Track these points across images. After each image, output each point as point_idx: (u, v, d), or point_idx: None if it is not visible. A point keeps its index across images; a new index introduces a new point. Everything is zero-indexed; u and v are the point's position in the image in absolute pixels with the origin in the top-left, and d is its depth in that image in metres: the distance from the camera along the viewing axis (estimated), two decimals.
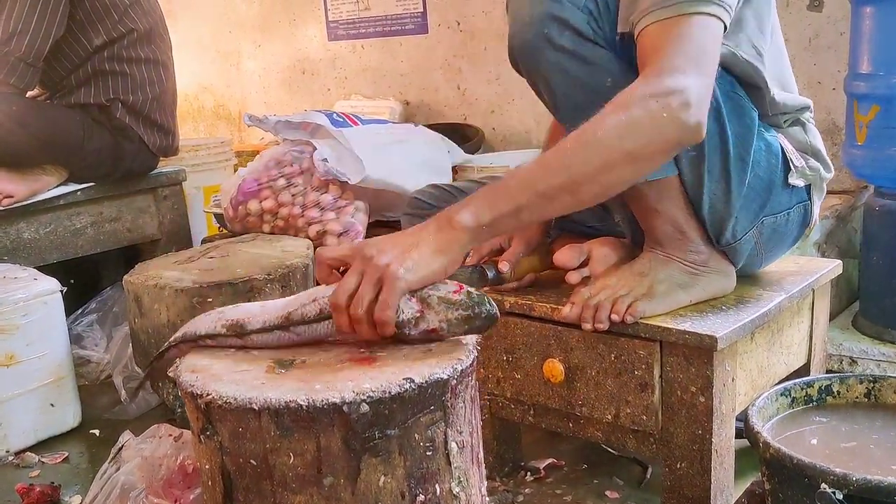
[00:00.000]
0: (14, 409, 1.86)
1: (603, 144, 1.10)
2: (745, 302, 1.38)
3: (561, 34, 1.24)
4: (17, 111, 2.17)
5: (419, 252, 1.05)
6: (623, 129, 1.10)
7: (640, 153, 1.11)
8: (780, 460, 1.01)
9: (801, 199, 1.43)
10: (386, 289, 1.02)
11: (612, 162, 1.10)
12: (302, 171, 2.13)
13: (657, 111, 1.09)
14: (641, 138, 1.10)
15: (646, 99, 1.10)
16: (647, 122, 1.10)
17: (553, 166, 1.11)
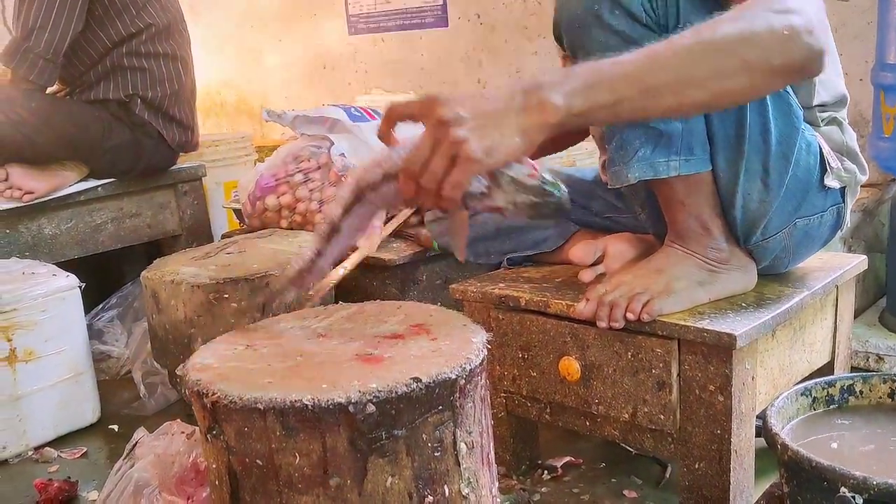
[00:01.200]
0: (33, 404, 1.87)
1: (720, 49, 0.99)
2: (766, 299, 1.35)
3: (612, 13, 1.20)
4: (37, 107, 2.18)
5: (500, 131, 0.95)
6: (743, 37, 0.99)
7: (757, 65, 1.01)
8: (798, 463, 0.99)
9: (835, 202, 1.39)
10: (460, 169, 0.95)
11: (726, 69, 1.00)
12: (319, 166, 2.12)
13: (779, 27, 1.00)
14: (762, 51, 1.00)
15: (767, 13, 1.01)
16: (768, 35, 1.00)
17: (662, 62, 0.99)
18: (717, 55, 1.00)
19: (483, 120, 0.95)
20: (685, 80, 1.00)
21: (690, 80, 1.00)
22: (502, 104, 0.96)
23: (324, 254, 1.11)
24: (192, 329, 1.80)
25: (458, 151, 0.94)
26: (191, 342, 1.81)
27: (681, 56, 1.00)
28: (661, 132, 1.25)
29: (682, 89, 1.00)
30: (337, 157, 2.07)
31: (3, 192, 2.20)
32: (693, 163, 1.27)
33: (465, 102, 0.96)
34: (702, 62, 1.00)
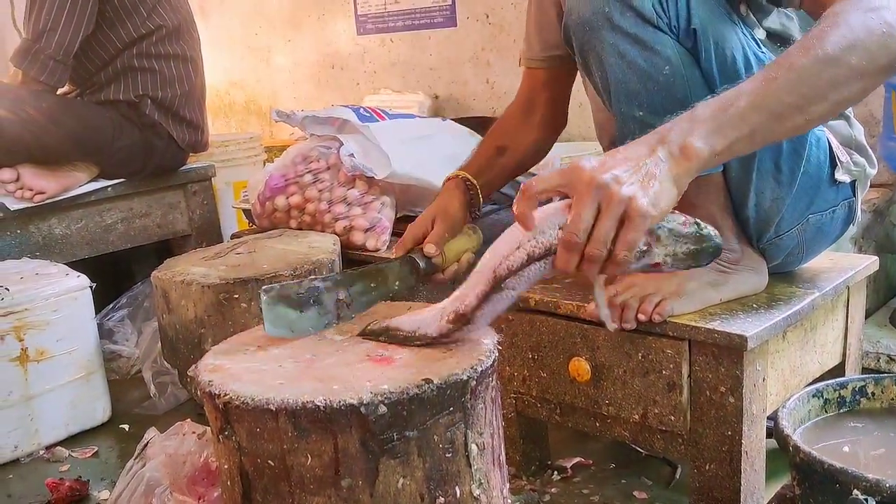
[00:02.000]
0: (45, 403, 1.88)
1: (830, 60, 1.00)
2: (777, 300, 1.35)
3: (623, 14, 1.19)
4: (47, 108, 2.19)
5: (659, 182, 0.94)
6: (846, 44, 1.00)
7: (866, 69, 1.02)
8: (810, 465, 0.98)
9: (846, 196, 1.38)
10: (631, 226, 0.92)
11: (840, 78, 1.01)
12: (328, 166, 2.12)
13: (876, 25, 1.01)
14: (866, 53, 1.01)
15: (861, 14, 1.02)
16: (868, 37, 1.01)
17: (782, 84, 1.00)
18: (830, 67, 1.00)
19: (639, 175, 0.94)
20: (808, 97, 1.01)
21: (812, 97, 1.01)
22: (649, 158, 0.95)
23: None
24: (203, 329, 1.81)
25: (628, 209, 0.92)
26: (201, 342, 1.82)
27: (798, 74, 1.00)
28: None
29: (806, 106, 1.01)
30: (346, 158, 2.07)
31: (15, 192, 2.21)
32: None
33: (612, 163, 0.95)
34: (818, 77, 1.00)
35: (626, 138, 1.27)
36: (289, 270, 1.80)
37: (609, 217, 0.92)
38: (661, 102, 1.22)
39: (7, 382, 1.82)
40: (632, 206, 0.91)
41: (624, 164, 0.94)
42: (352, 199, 2.10)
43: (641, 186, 0.92)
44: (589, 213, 0.92)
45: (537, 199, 0.97)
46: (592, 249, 0.93)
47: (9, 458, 1.83)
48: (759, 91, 1.00)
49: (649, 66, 1.21)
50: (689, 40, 1.22)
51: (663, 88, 1.21)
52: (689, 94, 1.21)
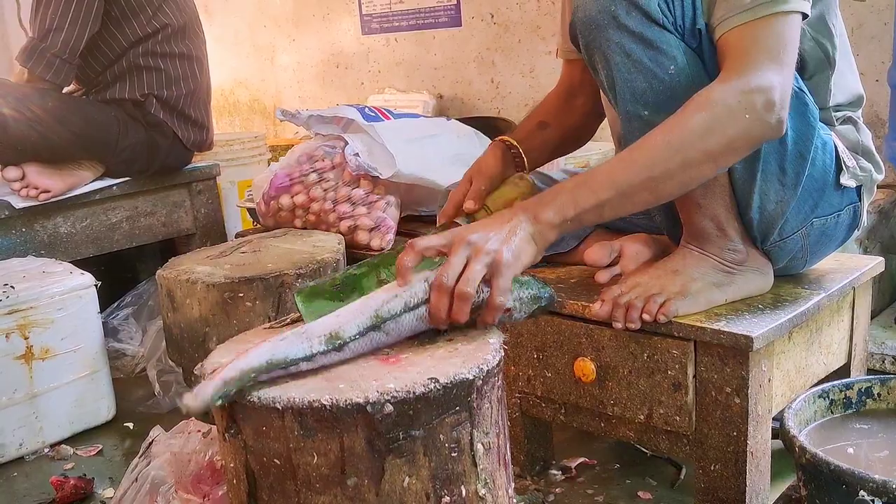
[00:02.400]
0: (49, 401, 1.88)
1: (684, 144, 1.12)
2: (783, 301, 1.35)
3: (629, 14, 1.20)
4: (53, 107, 2.19)
5: (518, 240, 1.08)
6: (705, 128, 1.12)
7: (720, 152, 1.14)
8: (816, 466, 0.98)
9: (851, 201, 1.38)
10: (499, 274, 1.04)
11: (692, 161, 1.13)
12: (333, 165, 2.13)
13: (739, 112, 1.11)
14: (723, 138, 1.12)
15: (727, 99, 1.12)
16: (729, 122, 1.12)
17: (635, 164, 1.14)
18: (683, 150, 1.12)
19: (502, 235, 1.08)
20: (657, 178, 1.13)
21: (662, 176, 1.13)
22: (510, 223, 1.10)
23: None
24: (207, 328, 1.81)
25: (495, 259, 1.05)
26: (206, 341, 1.82)
27: (652, 157, 1.13)
28: None
29: (655, 186, 1.14)
30: (351, 157, 2.07)
31: (20, 190, 2.21)
32: None
33: (481, 227, 1.09)
34: (670, 159, 1.13)
35: (630, 137, 1.27)
36: (293, 270, 1.81)
37: (477, 262, 1.04)
38: (665, 101, 1.22)
39: (12, 380, 1.82)
40: (498, 257, 1.05)
41: (490, 228, 1.09)
42: (356, 199, 2.10)
43: (504, 243, 1.07)
44: (458, 261, 1.04)
45: (420, 255, 1.07)
46: (462, 287, 1.03)
47: (13, 455, 1.84)
48: (614, 170, 1.15)
49: (654, 65, 1.21)
50: (694, 40, 1.22)
51: (668, 88, 1.21)
52: (693, 93, 1.21)
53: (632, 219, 1.59)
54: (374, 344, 1.02)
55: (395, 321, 1.02)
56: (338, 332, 0.99)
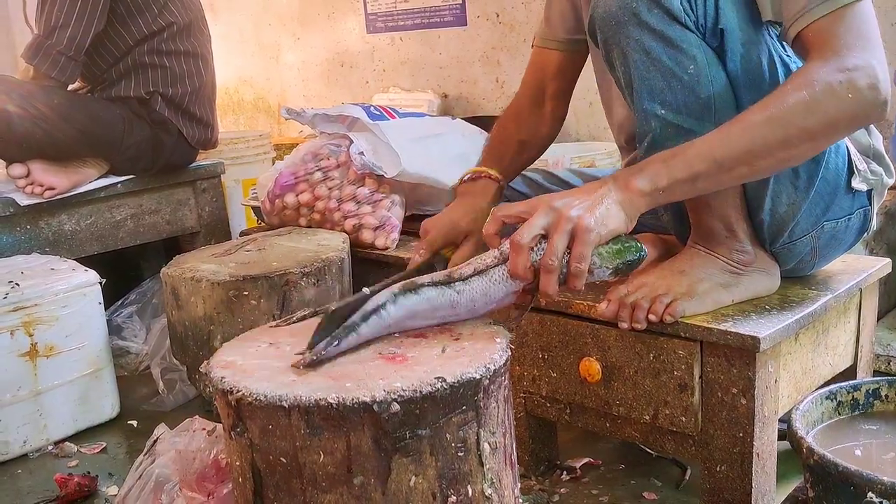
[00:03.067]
0: (54, 399, 1.88)
1: (786, 121, 1.09)
2: (790, 302, 1.34)
3: (650, 11, 1.19)
4: (58, 104, 2.19)
5: (605, 207, 1.06)
6: (807, 107, 1.09)
7: (821, 132, 1.11)
8: (824, 467, 0.98)
9: (861, 205, 1.37)
10: (581, 240, 1.03)
11: (792, 138, 1.10)
12: (339, 164, 2.12)
13: (842, 91, 1.08)
14: (825, 117, 1.09)
15: (828, 77, 1.09)
16: (831, 102, 1.09)
17: (733, 137, 1.10)
18: (784, 127, 1.09)
19: (589, 201, 1.06)
20: (756, 152, 1.10)
21: (761, 152, 1.10)
22: (598, 191, 1.08)
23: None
24: (212, 326, 1.81)
25: (577, 225, 1.04)
26: (210, 339, 1.82)
27: (750, 131, 1.10)
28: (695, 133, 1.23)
29: (752, 160, 1.11)
30: (356, 156, 2.07)
31: (25, 188, 2.21)
32: None
33: (567, 195, 1.08)
34: (770, 135, 1.09)
35: (646, 135, 1.27)
36: (298, 268, 1.80)
37: (559, 232, 1.03)
38: (683, 101, 1.22)
39: (16, 377, 1.82)
40: (580, 223, 1.04)
41: (576, 195, 1.08)
42: (361, 198, 2.10)
43: (588, 209, 1.05)
44: (538, 223, 1.05)
45: (501, 222, 1.11)
46: (547, 260, 1.03)
47: (17, 452, 1.84)
48: (711, 142, 1.11)
49: (674, 63, 1.20)
50: (715, 40, 1.21)
51: (687, 87, 1.20)
52: (712, 93, 1.20)
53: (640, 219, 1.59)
54: (448, 300, 1.05)
55: (466, 282, 1.05)
56: (414, 281, 1.04)
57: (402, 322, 1.05)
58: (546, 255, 1.03)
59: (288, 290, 1.79)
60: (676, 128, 1.23)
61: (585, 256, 1.04)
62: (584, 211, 1.04)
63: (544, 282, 1.03)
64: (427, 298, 1.04)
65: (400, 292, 1.03)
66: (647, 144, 1.27)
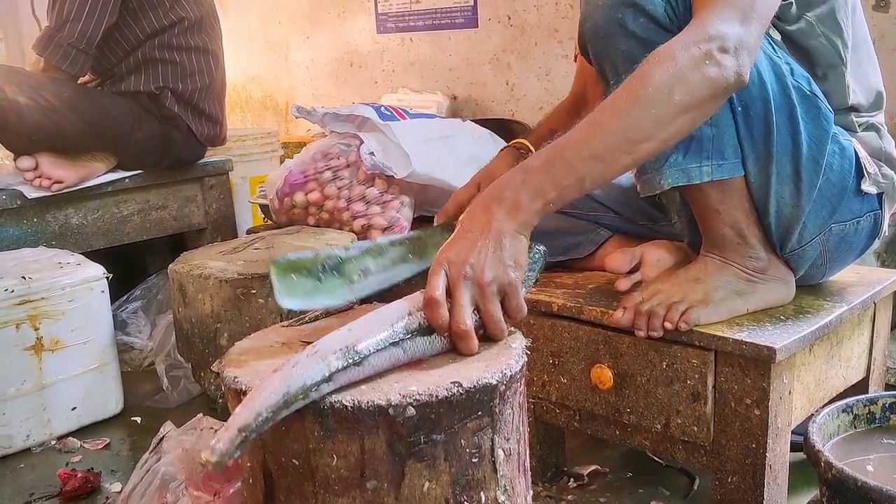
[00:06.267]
0: (58, 393, 1.87)
1: (654, 100, 1.08)
2: (805, 312, 1.33)
3: (635, 20, 1.19)
4: (68, 97, 2.18)
5: (508, 243, 1.04)
6: (671, 81, 1.08)
7: (691, 103, 1.09)
8: (842, 482, 0.97)
9: (872, 208, 1.36)
10: (512, 296, 1.03)
11: (666, 116, 1.08)
12: (348, 164, 2.11)
13: (700, 58, 1.08)
14: (690, 88, 1.08)
15: (687, 48, 1.09)
16: (691, 69, 1.08)
17: (608, 128, 1.09)
18: (654, 107, 1.08)
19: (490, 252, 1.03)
20: (634, 140, 1.08)
21: (639, 137, 1.09)
22: (492, 232, 1.04)
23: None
24: (219, 324, 1.80)
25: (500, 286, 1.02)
26: (216, 337, 1.81)
27: (623, 119, 1.08)
28: (692, 137, 1.23)
29: (632, 148, 1.09)
30: (366, 156, 2.06)
31: (33, 180, 2.20)
32: (725, 167, 1.25)
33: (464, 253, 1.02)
34: (643, 119, 1.08)
35: None
36: None
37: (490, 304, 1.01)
38: None
39: (21, 371, 1.81)
40: (502, 282, 1.02)
41: (473, 246, 1.03)
42: (371, 198, 2.09)
43: (496, 261, 1.02)
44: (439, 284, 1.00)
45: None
46: (496, 332, 1.02)
47: (20, 447, 1.83)
48: (586, 138, 1.09)
49: None
50: None
51: None
52: None
53: (652, 225, 1.58)
54: (393, 362, 0.96)
55: (412, 341, 0.97)
56: (354, 345, 0.92)
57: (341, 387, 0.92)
58: (453, 321, 0.99)
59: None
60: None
61: (523, 307, 1.04)
62: (496, 269, 1.02)
63: (461, 347, 0.99)
64: (371, 366, 0.94)
65: (339, 369, 0.90)
66: None
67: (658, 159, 1.26)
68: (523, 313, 1.05)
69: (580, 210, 1.63)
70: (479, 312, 1.02)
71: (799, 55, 1.31)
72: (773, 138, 1.23)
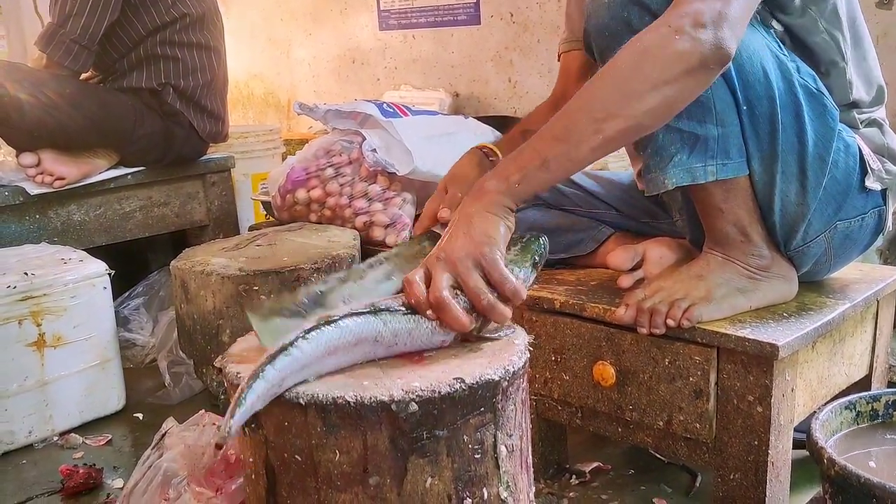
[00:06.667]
0: (60, 389, 1.87)
1: (620, 77, 1.06)
2: (808, 309, 1.33)
3: (641, 19, 1.18)
4: (70, 93, 2.18)
5: (477, 222, 1.04)
6: (638, 55, 1.07)
7: (661, 78, 1.06)
8: (845, 478, 0.97)
9: (876, 205, 1.36)
10: (490, 268, 1.01)
11: (633, 91, 1.06)
12: (351, 161, 2.11)
13: (669, 34, 1.06)
14: (658, 62, 1.06)
15: (659, 26, 1.08)
16: (660, 45, 1.06)
17: (572, 109, 1.08)
18: (620, 81, 1.06)
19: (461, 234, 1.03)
20: (599, 116, 1.06)
21: (604, 114, 1.06)
22: (459, 219, 1.06)
23: None
24: (221, 320, 1.80)
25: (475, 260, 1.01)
26: (219, 333, 1.81)
27: (588, 96, 1.08)
28: (697, 136, 1.23)
29: (599, 126, 1.06)
30: (369, 153, 2.06)
31: (35, 177, 2.20)
32: (730, 167, 1.25)
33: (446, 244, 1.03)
34: (609, 93, 1.06)
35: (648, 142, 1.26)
36: (309, 264, 1.79)
37: (468, 278, 1.00)
38: None
39: (23, 367, 1.81)
40: (474, 256, 1.01)
41: (448, 235, 1.05)
42: (373, 195, 2.09)
43: (466, 239, 1.02)
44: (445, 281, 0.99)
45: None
46: (481, 304, 0.99)
47: (22, 443, 1.83)
48: (551, 124, 1.08)
49: None
50: None
51: None
52: (711, 95, 1.20)
53: (654, 223, 1.58)
54: (374, 333, 0.96)
55: (392, 315, 0.98)
56: (329, 314, 0.95)
57: (322, 360, 0.93)
58: (430, 294, 0.98)
59: (298, 286, 1.77)
60: (678, 132, 1.23)
61: (506, 276, 1.01)
62: (465, 242, 1.02)
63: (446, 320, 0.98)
64: (347, 329, 0.94)
65: (313, 326, 0.93)
66: (650, 152, 1.27)
67: (662, 158, 1.25)
68: (512, 285, 1.01)
69: (582, 208, 1.63)
70: (462, 289, 1.00)
71: (801, 52, 1.31)
72: (778, 137, 1.23)
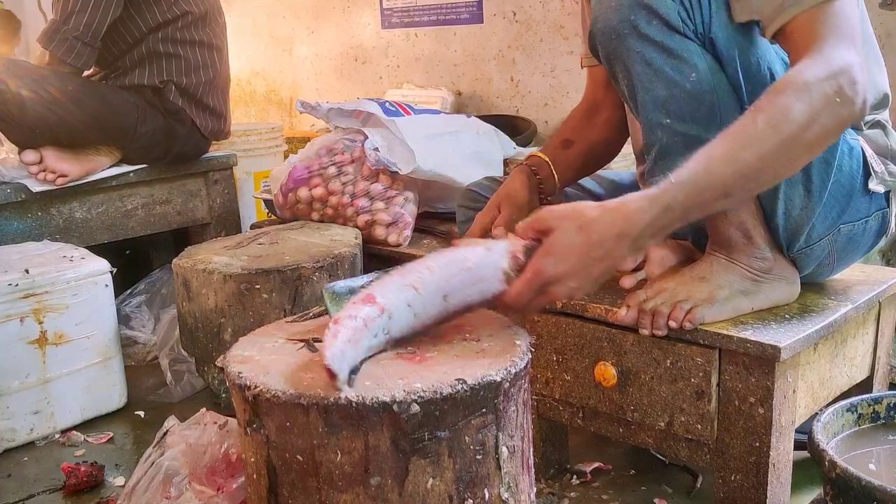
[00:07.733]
0: (62, 387, 1.87)
1: (792, 138, 1.07)
2: (810, 311, 1.33)
3: (649, 23, 1.18)
4: (73, 91, 2.18)
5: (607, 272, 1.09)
6: (808, 120, 1.06)
7: (818, 142, 1.10)
8: (847, 481, 0.96)
9: (879, 207, 1.36)
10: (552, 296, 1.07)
11: (795, 153, 1.09)
12: (353, 159, 2.11)
13: (832, 96, 1.07)
14: (822, 129, 1.08)
15: (821, 83, 1.07)
16: (826, 111, 1.07)
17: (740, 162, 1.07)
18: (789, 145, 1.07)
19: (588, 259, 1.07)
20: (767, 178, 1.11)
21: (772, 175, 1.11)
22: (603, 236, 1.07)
23: None
24: (222, 318, 1.80)
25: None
26: (220, 331, 1.81)
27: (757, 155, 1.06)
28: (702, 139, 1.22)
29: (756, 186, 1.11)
30: (371, 152, 2.06)
31: (37, 174, 2.20)
32: None
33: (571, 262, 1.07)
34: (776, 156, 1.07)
35: (653, 146, 1.26)
36: (311, 263, 1.79)
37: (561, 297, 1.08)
38: (688, 109, 1.21)
39: (25, 365, 1.81)
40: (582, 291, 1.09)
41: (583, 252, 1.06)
42: (375, 194, 2.09)
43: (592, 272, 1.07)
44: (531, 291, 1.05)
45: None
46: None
47: (24, 440, 1.83)
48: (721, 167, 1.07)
49: (676, 73, 1.20)
50: (713, 47, 1.20)
51: (690, 96, 1.20)
52: (716, 100, 1.20)
53: None
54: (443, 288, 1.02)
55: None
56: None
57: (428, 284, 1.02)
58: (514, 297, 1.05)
59: (300, 285, 1.78)
60: (683, 136, 1.23)
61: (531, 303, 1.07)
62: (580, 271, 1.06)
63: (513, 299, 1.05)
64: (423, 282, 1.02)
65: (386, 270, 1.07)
66: (655, 155, 1.27)
67: (667, 161, 1.25)
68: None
69: None
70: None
71: None
72: None
